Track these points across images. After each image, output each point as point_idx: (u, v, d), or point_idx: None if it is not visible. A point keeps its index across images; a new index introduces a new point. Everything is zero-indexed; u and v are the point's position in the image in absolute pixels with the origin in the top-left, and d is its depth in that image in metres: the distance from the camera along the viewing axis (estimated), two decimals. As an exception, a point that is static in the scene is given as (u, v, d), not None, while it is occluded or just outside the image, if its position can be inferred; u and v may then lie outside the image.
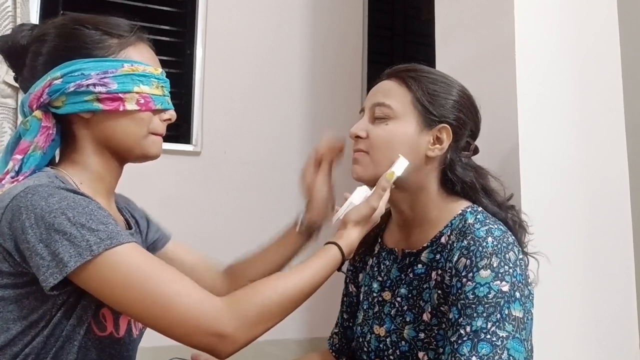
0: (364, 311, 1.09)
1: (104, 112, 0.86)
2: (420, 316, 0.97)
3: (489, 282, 0.87)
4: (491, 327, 0.84)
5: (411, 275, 1.01)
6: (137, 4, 2.18)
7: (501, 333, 0.84)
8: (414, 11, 2.92)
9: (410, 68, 1.04)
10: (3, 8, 1.74)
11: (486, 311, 0.85)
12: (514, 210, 1.04)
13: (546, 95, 1.32)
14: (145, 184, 2.07)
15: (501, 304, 0.86)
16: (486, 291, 0.86)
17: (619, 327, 1.34)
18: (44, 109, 0.86)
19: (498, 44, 1.34)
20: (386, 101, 1.00)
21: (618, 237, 1.38)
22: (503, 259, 0.89)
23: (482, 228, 0.93)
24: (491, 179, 1.05)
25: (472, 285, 0.88)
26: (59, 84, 0.84)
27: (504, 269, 0.88)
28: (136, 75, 0.87)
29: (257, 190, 2.20)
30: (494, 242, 0.90)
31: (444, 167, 1.01)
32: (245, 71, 2.26)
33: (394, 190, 1.01)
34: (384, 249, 1.10)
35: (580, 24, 1.39)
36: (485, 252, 0.89)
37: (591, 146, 1.37)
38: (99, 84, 0.84)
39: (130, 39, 0.90)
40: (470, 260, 0.90)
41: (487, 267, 0.88)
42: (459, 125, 1.01)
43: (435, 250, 0.98)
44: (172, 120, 0.96)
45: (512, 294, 0.87)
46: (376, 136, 1.00)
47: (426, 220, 1.02)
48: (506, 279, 0.87)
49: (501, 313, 0.85)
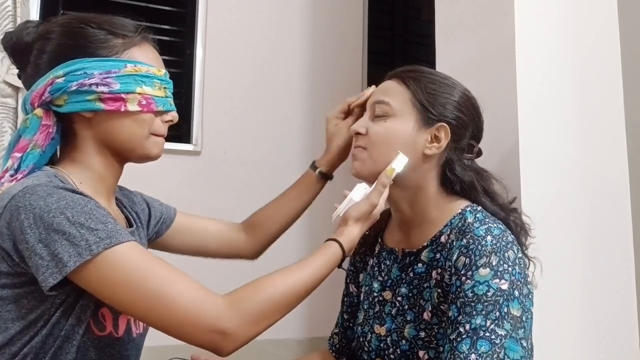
0: (365, 311, 1.10)
1: (105, 112, 0.86)
2: (420, 315, 0.97)
3: (488, 281, 0.87)
4: (490, 325, 0.85)
5: (411, 275, 1.02)
6: (138, 4, 2.18)
7: (500, 331, 0.84)
8: (414, 11, 2.92)
9: (411, 69, 1.06)
10: (3, 8, 1.74)
11: (485, 309, 0.86)
12: (517, 213, 1.04)
13: (546, 95, 1.32)
14: (146, 184, 2.06)
15: (500, 302, 0.86)
16: (485, 289, 0.87)
17: (619, 327, 1.34)
18: (45, 107, 0.86)
19: (498, 44, 1.34)
20: (385, 99, 1.02)
21: (618, 237, 1.38)
22: (502, 257, 0.89)
23: (482, 227, 0.93)
24: (494, 182, 1.05)
25: (472, 283, 0.88)
26: (61, 83, 0.84)
27: (503, 267, 0.89)
28: (139, 76, 0.87)
29: (257, 190, 2.20)
30: (493, 241, 0.91)
31: (444, 167, 1.02)
32: (245, 71, 2.26)
33: (394, 189, 1.02)
34: (385, 249, 1.11)
35: (580, 24, 1.39)
36: (484, 251, 0.90)
37: (591, 146, 1.37)
38: (101, 84, 0.84)
39: (135, 39, 0.90)
40: (469, 259, 0.90)
41: (486, 266, 0.88)
42: (459, 125, 1.01)
43: (435, 249, 0.99)
44: (174, 122, 0.96)
45: (511, 292, 0.87)
46: (375, 133, 1.02)
47: (426, 219, 1.03)
48: (505, 277, 0.88)
49: (500, 311, 0.86)
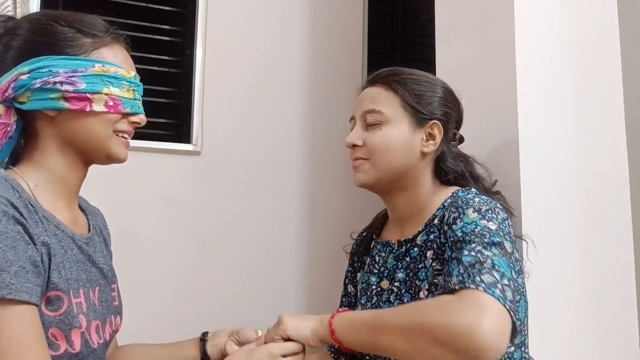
0: (362, 305, 1.11)
1: (69, 111, 0.84)
2: (417, 295, 0.99)
3: (475, 221, 0.90)
4: (476, 247, 0.85)
5: (408, 259, 1.04)
6: (137, 4, 2.18)
7: (487, 252, 0.84)
8: (414, 11, 2.92)
9: (391, 72, 1.07)
10: (3, 7, 1.74)
11: (473, 241, 0.86)
12: (500, 195, 1.10)
13: (546, 95, 1.32)
14: (145, 184, 2.07)
15: (487, 235, 0.87)
16: (473, 227, 0.89)
17: (619, 327, 1.34)
18: (8, 104, 0.84)
19: (498, 44, 1.34)
20: (376, 107, 1.04)
21: (618, 237, 1.38)
22: (492, 209, 0.93)
23: (471, 195, 0.99)
24: (477, 166, 1.12)
25: (460, 224, 0.90)
26: (25, 80, 0.82)
27: (490, 215, 0.91)
28: (106, 76, 0.85)
29: (257, 191, 2.20)
30: (480, 201, 0.95)
31: (437, 160, 1.07)
32: (245, 71, 2.25)
33: (393, 192, 1.06)
34: (379, 242, 1.14)
35: (580, 24, 1.39)
36: (471, 203, 0.93)
37: (591, 146, 1.37)
38: (66, 82, 0.83)
39: (105, 39, 0.88)
40: (458, 212, 0.93)
41: (475, 211, 0.91)
42: (447, 120, 1.06)
43: (429, 231, 1.01)
44: (142, 124, 0.93)
45: (499, 232, 0.88)
46: (373, 142, 1.04)
47: (421, 210, 1.06)
48: (493, 221, 0.90)
49: (490, 240, 0.86)
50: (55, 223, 0.84)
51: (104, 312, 0.90)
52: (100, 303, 0.90)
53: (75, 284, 0.84)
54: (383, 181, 1.04)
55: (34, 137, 0.87)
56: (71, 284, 0.83)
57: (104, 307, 0.91)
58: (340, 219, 2.25)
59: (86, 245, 0.90)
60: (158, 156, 2.06)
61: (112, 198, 1.87)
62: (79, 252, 0.87)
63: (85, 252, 0.89)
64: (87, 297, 0.86)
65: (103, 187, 1.11)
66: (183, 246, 2.06)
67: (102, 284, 0.92)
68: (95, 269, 0.91)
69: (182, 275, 2.03)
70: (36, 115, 0.86)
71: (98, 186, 1.01)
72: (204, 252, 2.09)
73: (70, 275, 0.83)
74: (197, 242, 2.09)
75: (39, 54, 0.84)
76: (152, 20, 2.19)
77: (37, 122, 0.86)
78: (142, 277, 1.95)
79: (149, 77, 0.96)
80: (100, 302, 0.90)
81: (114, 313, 0.95)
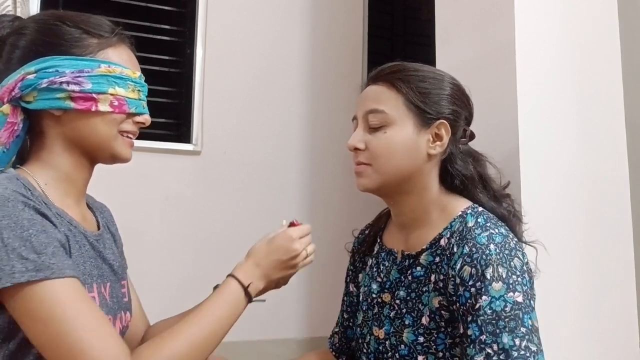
0: (364, 312, 1.09)
1: (75, 111, 0.85)
2: (419, 320, 0.96)
3: (503, 295, 0.86)
4: (521, 343, 0.84)
5: (410, 278, 1.00)
6: (137, 4, 2.18)
7: (533, 347, 0.84)
8: (414, 11, 2.92)
9: (395, 69, 1.01)
10: (3, 7, 1.74)
11: (508, 325, 0.84)
12: (510, 199, 1.04)
13: (546, 95, 1.32)
14: (146, 184, 2.07)
15: (520, 315, 0.85)
16: (502, 305, 0.85)
17: (619, 327, 1.34)
18: (14, 104, 0.85)
19: (498, 44, 1.34)
20: (379, 107, 0.98)
21: (618, 237, 1.38)
22: (509, 268, 0.88)
23: (483, 234, 0.91)
24: (489, 166, 1.05)
25: (488, 300, 0.86)
26: (32, 79, 0.83)
27: (513, 279, 0.87)
28: (112, 76, 0.86)
29: (257, 190, 2.20)
30: (496, 250, 0.89)
31: (444, 162, 1.01)
32: (245, 71, 2.25)
33: (398, 196, 1.02)
34: (384, 249, 1.10)
35: (580, 24, 1.39)
36: (489, 260, 0.88)
37: (591, 146, 1.37)
38: (72, 82, 0.83)
39: (111, 40, 0.89)
40: (474, 269, 0.88)
41: (497, 280, 0.87)
42: (455, 118, 1.00)
43: (435, 252, 0.97)
44: (146, 125, 0.94)
45: (528, 303, 0.87)
46: (376, 147, 0.98)
47: (426, 221, 1.01)
48: (518, 289, 0.87)
49: (525, 326, 0.85)
50: (68, 219, 0.85)
51: (114, 308, 0.91)
52: (111, 299, 0.91)
53: (89, 279, 0.85)
54: (387, 186, 0.99)
55: (40, 137, 0.88)
56: (85, 279, 0.84)
57: (114, 302, 0.92)
58: (340, 218, 2.25)
59: (97, 242, 0.91)
60: (158, 156, 2.06)
61: (111, 198, 1.87)
62: (90, 248, 0.89)
63: (97, 249, 0.90)
64: (100, 293, 0.87)
65: (102, 187, 1.11)
66: (183, 246, 2.06)
67: (112, 280, 0.93)
68: (106, 265, 0.92)
69: (182, 275, 2.03)
70: (42, 115, 0.87)
71: (97, 186, 1.01)
72: (204, 252, 2.09)
73: (85, 269, 0.85)
74: (197, 242, 2.09)
75: (46, 54, 0.84)
76: (153, 20, 2.19)
77: (44, 122, 0.87)
78: (141, 277, 1.94)
79: (149, 77, 0.97)
80: (112, 298, 0.91)
81: (124, 309, 0.96)
